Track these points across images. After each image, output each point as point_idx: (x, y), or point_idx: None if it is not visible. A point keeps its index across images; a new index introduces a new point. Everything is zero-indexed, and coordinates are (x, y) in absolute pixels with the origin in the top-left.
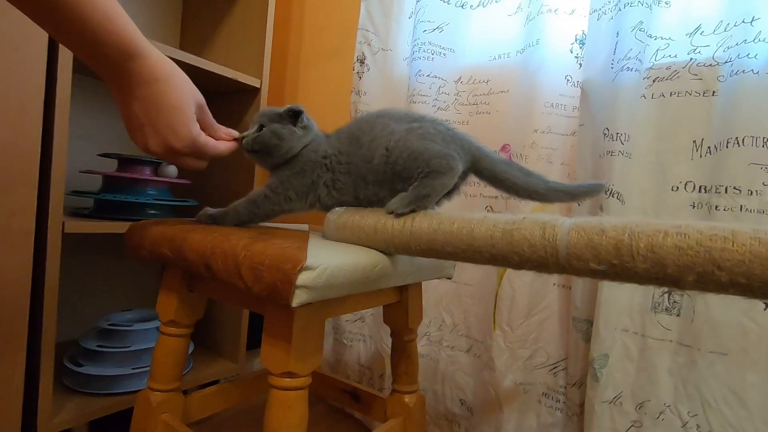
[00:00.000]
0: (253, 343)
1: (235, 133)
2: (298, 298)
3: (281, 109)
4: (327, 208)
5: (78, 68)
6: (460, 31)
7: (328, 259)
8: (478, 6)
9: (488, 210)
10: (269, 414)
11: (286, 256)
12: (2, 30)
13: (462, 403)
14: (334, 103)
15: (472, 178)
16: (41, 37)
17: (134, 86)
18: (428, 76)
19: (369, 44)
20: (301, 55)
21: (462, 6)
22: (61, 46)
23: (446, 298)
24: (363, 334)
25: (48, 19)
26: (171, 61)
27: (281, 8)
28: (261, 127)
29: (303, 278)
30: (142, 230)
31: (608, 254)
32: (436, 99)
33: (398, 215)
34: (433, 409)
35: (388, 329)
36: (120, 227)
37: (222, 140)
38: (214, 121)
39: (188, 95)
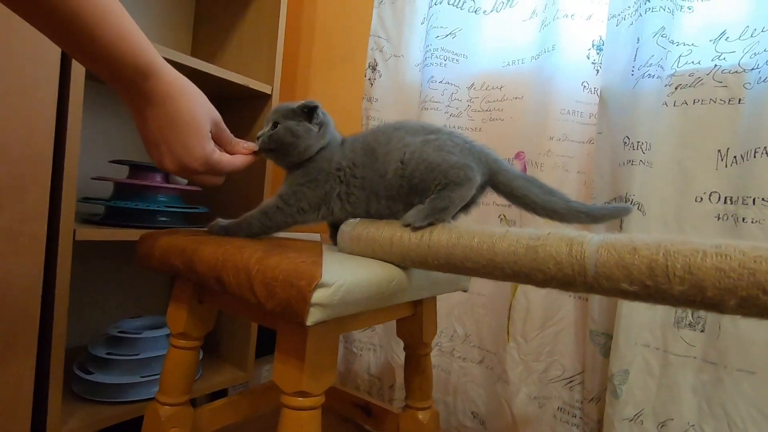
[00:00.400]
0: (262, 352)
1: (254, 147)
2: (313, 317)
3: (296, 104)
4: (338, 222)
5: (90, 75)
6: (474, 37)
7: (343, 275)
8: (491, 11)
9: (501, 219)
10: None
11: (300, 272)
12: (17, 38)
13: (474, 416)
14: (345, 110)
15: None
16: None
17: (149, 105)
18: (441, 82)
19: (381, 50)
20: (311, 62)
21: (475, 11)
22: None
23: (458, 308)
24: (373, 344)
25: (63, 39)
26: (186, 78)
27: (292, 14)
28: (275, 125)
29: (318, 296)
30: (153, 240)
31: (641, 274)
32: (448, 105)
33: (415, 228)
34: (445, 421)
35: (399, 339)
36: (131, 234)
37: (239, 154)
38: (231, 135)
39: (202, 113)
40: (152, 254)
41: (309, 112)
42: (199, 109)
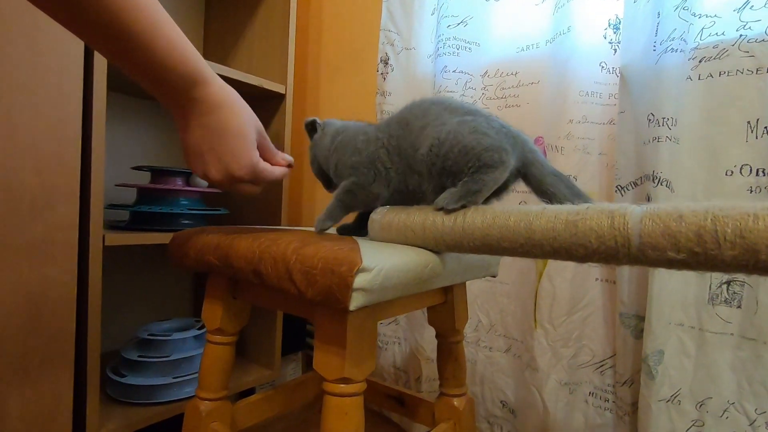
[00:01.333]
0: (286, 350)
1: (290, 159)
2: (356, 301)
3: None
4: (385, 200)
5: (110, 86)
6: (485, 24)
7: (381, 260)
8: None
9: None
10: (326, 421)
11: (340, 259)
12: (41, 51)
13: (503, 405)
14: (359, 106)
15: None
16: (77, 58)
17: (197, 113)
18: (454, 71)
19: (392, 44)
20: (321, 60)
21: None
22: (95, 66)
23: (481, 297)
24: (398, 337)
25: (116, 52)
26: (231, 87)
27: (300, 13)
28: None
29: (359, 281)
30: (186, 240)
31: (689, 242)
32: (462, 94)
33: (448, 211)
34: None
35: (423, 331)
36: (156, 238)
37: (278, 165)
38: (273, 146)
39: (250, 122)
40: (187, 253)
41: (312, 128)
42: (247, 118)
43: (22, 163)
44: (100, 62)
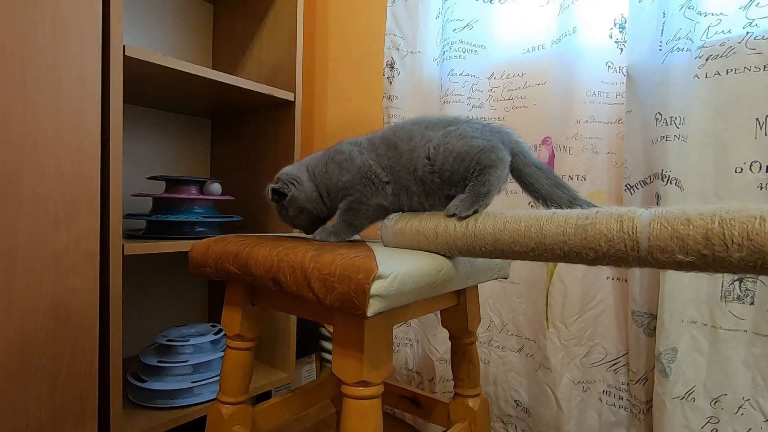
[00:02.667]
0: (301, 352)
1: None
2: (373, 307)
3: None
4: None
5: (126, 98)
6: (491, 27)
7: (396, 266)
8: (507, 0)
9: (531, 206)
10: (346, 423)
11: (357, 266)
12: (62, 70)
13: (517, 404)
14: (365, 111)
15: None
16: (95, 73)
17: None
18: (461, 74)
19: (397, 48)
20: (328, 66)
21: (490, 1)
22: (112, 81)
23: (492, 297)
24: (410, 339)
25: None
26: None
27: (306, 20)
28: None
29: (376, 287)
30: (205, 249)
31: (697, 244)
32: (469, 97)
33: (462, 218)
34: None
35: (435, 332)
36: (172, 246)
37: None
38: None
39: None
40: (206, 262)
41: (279, 194)
42: None
43: (48, 176)
44: (117, 77)
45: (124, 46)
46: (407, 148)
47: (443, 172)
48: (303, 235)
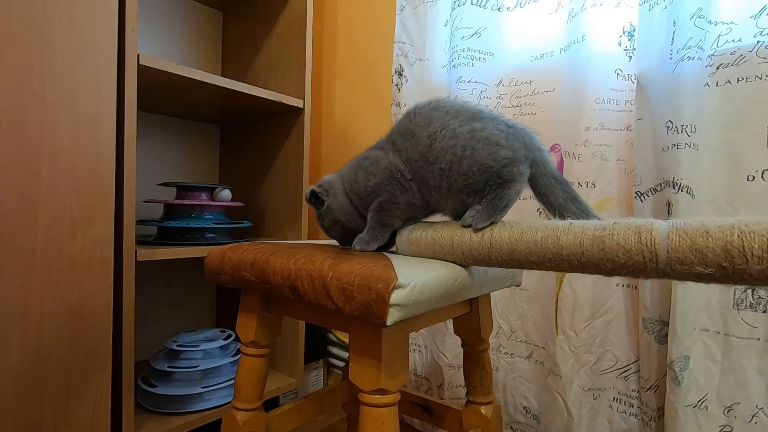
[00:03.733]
0: (309, 357)
1: None
2: (392, 317)
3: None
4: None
5: (140, 105)
6: (499, 35)
7: (415, 275)
8: (515, 7)
9: (539, 213)
10: (363, 431)
11: (376, 275)
12: (79, 79)
13: (526, 411)
14: (373, 118)
15: None
16: (110, 79)
17: None
18: (469, 81)
19: (406, 56)
20: (336, 73)
21: (498, 9)
22: (126, 89)
23: (501, 304)
24: (418, 345)
25: None
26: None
27: (315, 27)
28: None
29: (396, 297)
30: (221, 256)
31: (716, 257)
32: (478, 104)
33: (478, 230)
34: None
35: (444, 339)
36: (184, 252)
37: None
38: None
39: None
40: (223, 269)
41: (316, 197)
42: None
43: (64, 182)
44: (131, 85)
45: (138, 55)
46: (425, 134)
47: (466, 179)
48: (315, 241)
